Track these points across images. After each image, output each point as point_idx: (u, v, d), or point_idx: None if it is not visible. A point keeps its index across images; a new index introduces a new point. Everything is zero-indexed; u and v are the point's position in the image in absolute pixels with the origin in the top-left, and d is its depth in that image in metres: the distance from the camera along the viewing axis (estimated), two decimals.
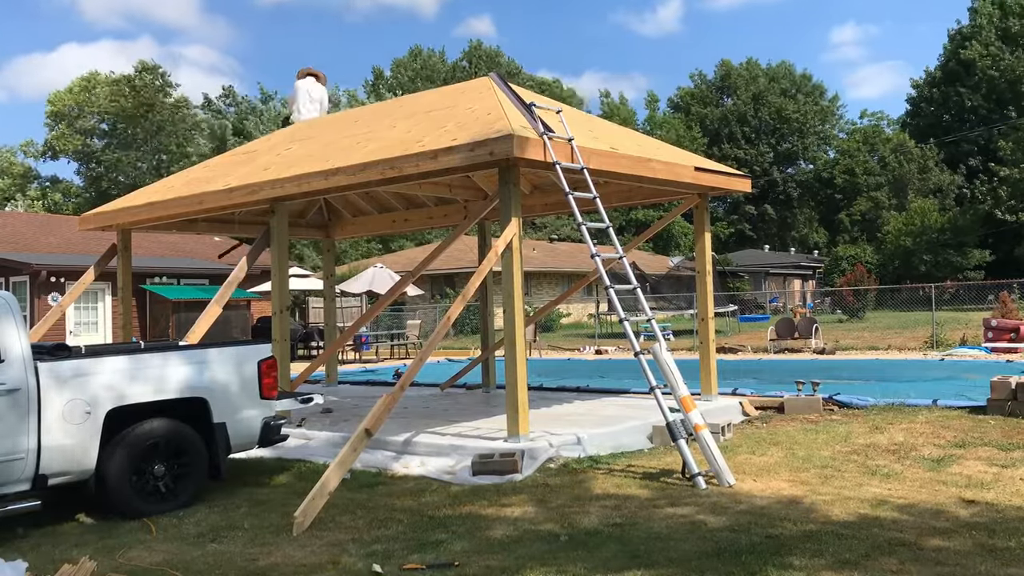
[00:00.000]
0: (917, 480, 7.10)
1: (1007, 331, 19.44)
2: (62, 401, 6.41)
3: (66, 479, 6.49)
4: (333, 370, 15.60)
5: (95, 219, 12.97)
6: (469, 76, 57.35)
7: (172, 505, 6.86)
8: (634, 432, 9.10)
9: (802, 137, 70.81)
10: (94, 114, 60.57)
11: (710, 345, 11.20)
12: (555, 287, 41.77)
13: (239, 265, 10.29)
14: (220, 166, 12.90)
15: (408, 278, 12.49)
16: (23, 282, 23.98)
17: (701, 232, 11.34)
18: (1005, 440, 8.64)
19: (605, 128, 11.63)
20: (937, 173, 57.79)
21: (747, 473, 7.50)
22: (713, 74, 75.42)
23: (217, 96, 65.27)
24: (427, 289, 37.25)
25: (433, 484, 7.59)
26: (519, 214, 8.60)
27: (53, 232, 29.21)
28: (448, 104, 10.75)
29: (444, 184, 11.67)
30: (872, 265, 50.41)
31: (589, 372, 17.29)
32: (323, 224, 15.15)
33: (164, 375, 6.96)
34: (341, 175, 9.46)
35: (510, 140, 8.11)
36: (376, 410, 7.29)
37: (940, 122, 59.80)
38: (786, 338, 22.42)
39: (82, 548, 5.88)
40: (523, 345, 8.54)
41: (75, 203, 59.08)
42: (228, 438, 7.23)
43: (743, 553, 5.27)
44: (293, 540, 5.97)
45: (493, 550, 5.55)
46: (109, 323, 25.06)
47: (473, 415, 10.54)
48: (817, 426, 9.86)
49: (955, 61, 57.99)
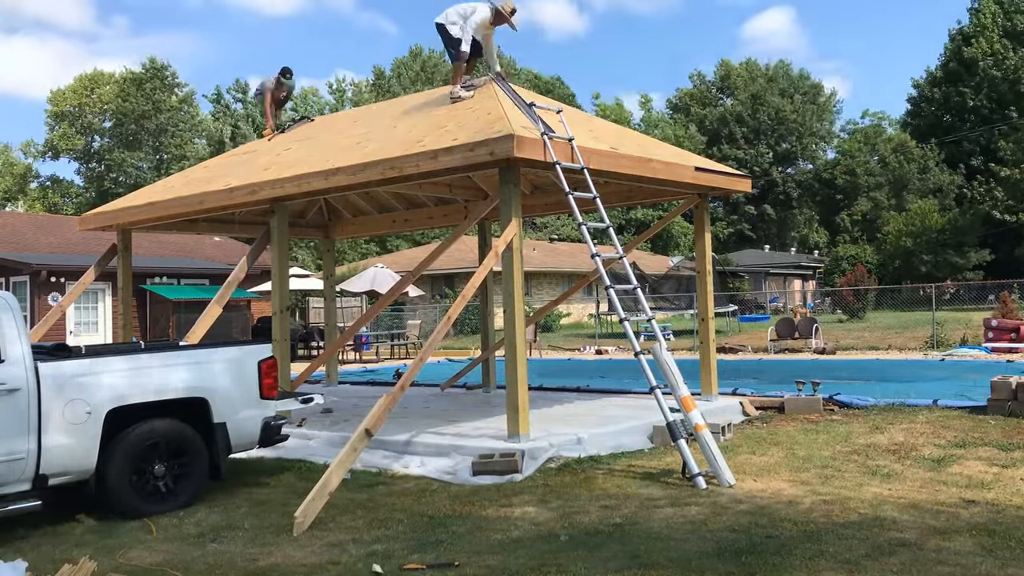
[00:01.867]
0: (917, 480, 7.10)
1: (1007, 331, 19.43)
2: (62, 401, 6.40)
3: (66, 479, 6.49)
4: (333, 370, 15.60)
5: (95, 219, 12.97)
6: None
7: (172, 505, 6.86)
8: (634, 432, 9.10)
9: (800, 137, 70.79)
10: (96, 113, 60.61)
11: (710, 345, 11.20)
12: (555, 287, 41.77)
13: (239, 265, 10.29)
14: (220, 166, 12.91)
15: (408, 278, 12.48)
16: (23, 282, 23.99)
17: (701, 232, 11.34)
18: (1005, 440, 8.64)
19: (605, 128, 11.63)
20: (937, 173, 57.78)
21: (747, 473, 7.50)
22: (712, 75, 75.56)
23: (227, 88, 65.32)
24: (427, 289, 37.25)
25: (433, 484, 7.59)
26: (519, 214, 8.60)
27: (53, 232, 29.22)
28: (448, 104, 10.74)
29: (444, 184, 11.67)
30: (872, 265, 50.41)
31: (589, 372, 17.29)
32: (323, 224, 15.15)
33: (164, 375, 6.95)
34: (341, 175, 9.46)
35: (510, 140, 8.10)
36: (376, 410, 7.29)
37: (941, 122, 59.75)
38: (786, 338, 22.42)
39: (82, 548, 5.88)
40: (523, 345, 8.54)
41: (75, 203, 59.12)
42: (228, 438, 7.22)
43: (743, 553, 5.27)
44: (293, 540, 5.97)
45: (493, 550, 5.55)
46: (109, 323, 25.07)
47: (473, 415, 10.54)
48: (817, 426, 9.86)
49: (956, 61, 57.96)
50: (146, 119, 58.96)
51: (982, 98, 56.18)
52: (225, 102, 64.69)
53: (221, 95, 64.97)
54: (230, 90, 65.25)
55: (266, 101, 13.39)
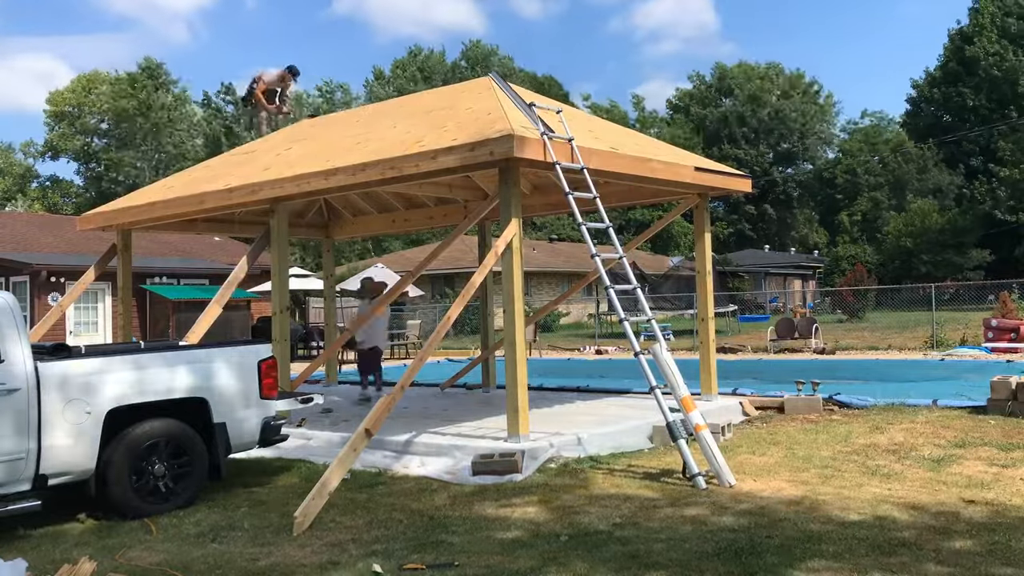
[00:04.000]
0: (917, 480, 7.10)
1: (1007, 331, 19.44)
2: (62, 401, 6.41)
3: (66, 479, 6.49)
4: (333, 370, 15.61)
5: (95, 219, 12.96)
6: (468, 76, 57.35)
7: (172, 505, 6.86)
8: (634, 432, 9.10)
9: (802, 138, 70.77)
10: (95, 113, 60.59)
11: (710, 345, 11.20)
12: (555, 287, 41.76)
13: (239, 265, 10.28)
14: (220, 166, 12.91)
15: (408, 278, 12.46)
16: (23, 282, 23.97)
17: (701, 232, 11.34)
18: (1005, 440, 8.64)
19: (605, 128, 11.63)
20: (937, 173, 57.76)
21: (747, 473, 7.50)
22: (711, 75, 75.50)
23: (215, 92, 65.19)
24: (427, 289, 37.24)
25: (433, 484, 7.59)
26: (519, 214, 8.60)
27: (53, 232, 29.19)
28: (448, 104, 10.75)
29: (444, 184, 11.67)
30: (872, 265, 50.43)
31: (589, 372, 17.29)
32: (323, 224, 15.15)
33: (164, 375, 6.96)
34: (341, 175, 9.46)
35: (510, 140, 8.10)
36: (376, 410, 7.30)
37: (940, 122, 59.73)
38: (786, 338, 22.42)
39: (82, 548, 5.88)
40: (523, 345, 8.54)
41: (75, 203, 59.09)
42: (228, 438, 7.23)
43: (743, 553, 5.27)
44: (293, 540, 5.97)
45: (493, 550, 5.55)
46: (109, 323, 25.06)
47: (473, 415, 10.54)
48: (817, 426, 9.86)
49: (956, 61, 57.95)
50: (142, 117, 58.88)
51: (981, 98, 56.17)
52: (216, 105, 64.62)
53: (210, 99, 64.87)
54: (218, 93, 65.32)
55: (259, 88, 13.39)
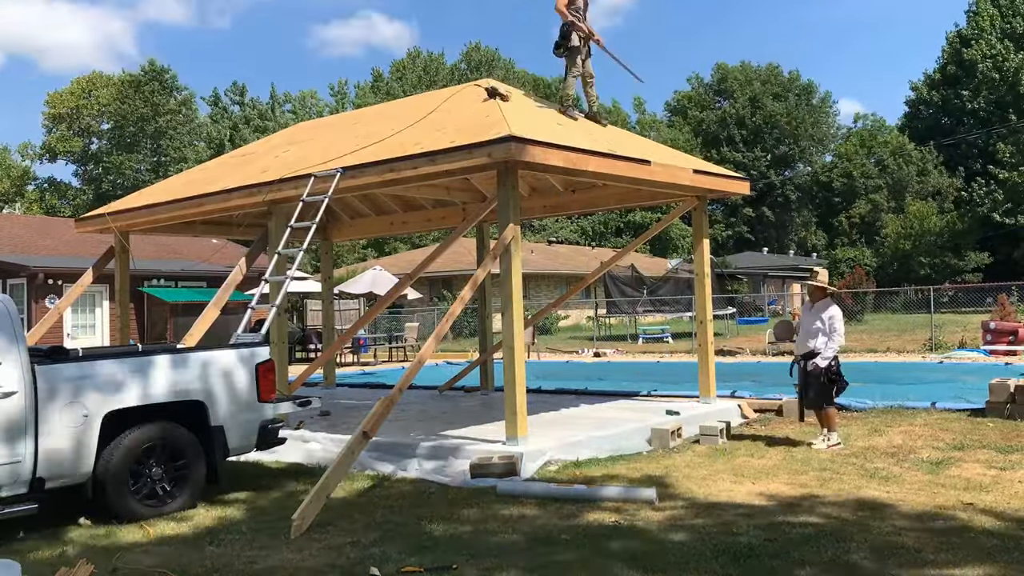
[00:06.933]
0: (916, 483, 7.10)
1: (1005, 334, 19.43)
2: (60, 404, 6.39)
3: (64, 482, 6.46)
4: (331, 373, 15.58)
5: (93, 221, 12.95)
6: (468, 78, 57.36)
7: (170, 508, 6.84)
8: (633, 435, 9.09)
9: (797, 140, 70.80)
10: (94, 116, 60.53)
11: (709, 347, 11.20)
12: (553, 289, 41.74)
13: (237, 267, 10.26)
14: (219, 168, 12.89)
15: (407, 280, 12.47)
16: (20, 284, 23.94)
17: (700, 235, 11.33)
18: (1004, 443, 8.64)
19: (604, 130, 11.61)
20: (936, 176, 57.82)
21: (746, 475, 7.50)
22: (710, 77, 75.54)
23: (225, 90, 64.99)
24: (425, 292, 37.22)
25: (431, 486, 7.58)
26: (517, 216, 8.59)
27: (51, 234, 29.15)
28: (447, 106, 10.74)
29: (442, 186, 11.66)
30: (871, 268, 50.45)
31: (587, 375, 17.28)
32: (321, 226, 15.13)
33: (162, 378, 6.94)
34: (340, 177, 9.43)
35: (508, 142, 8.10)
36: (374, 413, 7.28)
37: (939, 125, 59.82)
38: (785, 340, 22.33)
39: (79, 551, 5.86)
40: (522, 348, 8.52)
41: (73, 205, 59.02)
42: (226, 441, 7.20)
43: (741, 555, 5.26)
44: (291, 543, 5.95)
45: (492, 553, 5.53)
46: (107, 326, 25.03)
47: (472, 418, 10.53)
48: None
49: (954, 63, 58.03)
50: (145, 122, 58.82)
51: (980, 100, 56.25)
52: (223, 104, 64.51)
53: (219, 98, 64.78)
54: (227, 92, 65.14)
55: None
